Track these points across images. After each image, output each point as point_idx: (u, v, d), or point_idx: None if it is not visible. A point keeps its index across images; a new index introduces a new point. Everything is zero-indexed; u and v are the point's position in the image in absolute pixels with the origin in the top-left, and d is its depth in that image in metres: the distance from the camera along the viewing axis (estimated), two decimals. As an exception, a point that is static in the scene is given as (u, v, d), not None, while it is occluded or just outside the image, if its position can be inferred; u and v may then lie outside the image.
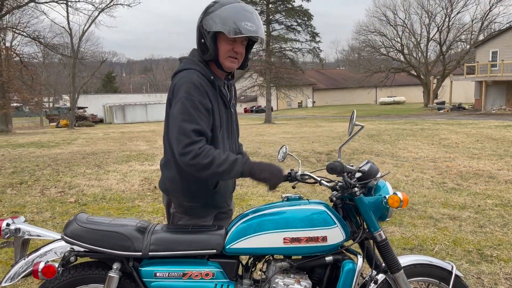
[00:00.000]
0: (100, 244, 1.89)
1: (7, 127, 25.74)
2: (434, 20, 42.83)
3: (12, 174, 7.72)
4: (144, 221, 2.06)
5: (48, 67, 48.47)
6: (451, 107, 34.50)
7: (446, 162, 8.42)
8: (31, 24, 30.97)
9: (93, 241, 1.89)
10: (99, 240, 1.89)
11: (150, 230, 1.97)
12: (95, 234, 1.90)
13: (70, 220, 1.99)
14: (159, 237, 1.94)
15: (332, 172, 1.93)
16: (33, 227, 2.03)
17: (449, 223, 4.60)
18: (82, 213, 2.06)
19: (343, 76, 62.37)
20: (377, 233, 2.03)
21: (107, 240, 1.89)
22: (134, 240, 1.90)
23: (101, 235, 1.90)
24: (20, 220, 2.03)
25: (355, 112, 1.95)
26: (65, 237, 1.92)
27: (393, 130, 15.75)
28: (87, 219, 1.98)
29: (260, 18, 1.99)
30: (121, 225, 1.96)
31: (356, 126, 1.97)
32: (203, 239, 1.96)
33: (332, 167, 1.91)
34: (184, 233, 1.98)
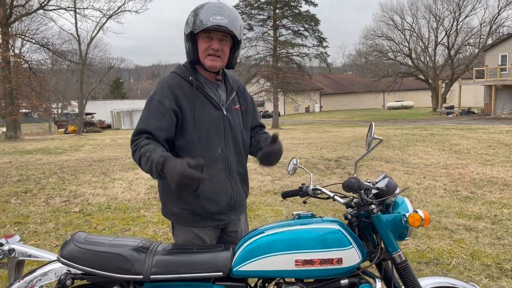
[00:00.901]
0: (98, 267, 1.76)
1: (15, 133, 25.83)
2: (442, 24, 42.52)
3: (18, 182, 7.64)
4: (146, 240, 1.93)
5: (56, 73, 48.82)
6: (460, 112, 34.11)
7: (459, 169, 8.22)
8: (40, 31, 31.16)
9: (90, 263, 1.77)
10: (97, 262, 1.77)
11: (152, 250, 1.84)
12: (92, 256, 1.78)
13: (67, 240, 1.86)
14: (161, 258, 1.81)
15: (349, 190, 1.79)
16: (28, 248, 1.91)
17: (465, 235, 4.42)
18: (80, 232, 1.93)
19: (350, 80, 62.08)
20: (396, 254, 1.89)
21: (106, 262, 1.76)
22: (135, 262, 1.77)
23: (99, 257, 1.77)
24: (15, 240, 1.91)
25: (374, 124, 1.80)
26: (61, 258, 1.80)
27: (402, 136, 15.53)
28: (85, 238, 1.86)
29: (236, 14, 1.97)
30: (121, 245, 1.83)
31: (375, 140, 1.82)
32: (208, 261, 1.82)
33: (348, 185, 1.77)
34: (188, 253, 1.85)
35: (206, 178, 1.82)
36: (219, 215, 2.06)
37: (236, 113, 2.11)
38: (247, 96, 2.24)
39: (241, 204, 2.18)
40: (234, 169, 2.07)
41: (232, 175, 2.07)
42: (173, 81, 1.97)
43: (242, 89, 2.22)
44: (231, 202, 2.07)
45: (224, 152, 2.03)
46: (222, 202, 2.03)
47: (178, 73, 2.00)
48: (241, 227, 2.22)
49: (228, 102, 2.08)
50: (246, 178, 2.20)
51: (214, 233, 2.12)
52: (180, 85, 1.96)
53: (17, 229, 4.79)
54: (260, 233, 1.89)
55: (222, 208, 2.05)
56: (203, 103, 1.99)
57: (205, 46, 1.93)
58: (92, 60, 40.53)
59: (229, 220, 2.11)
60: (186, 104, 1.94)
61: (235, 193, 2.08)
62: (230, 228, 2.17)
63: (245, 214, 2.29)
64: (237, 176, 2.11)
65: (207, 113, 1.99)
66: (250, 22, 30.29)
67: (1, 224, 4.98)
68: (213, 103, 2.02)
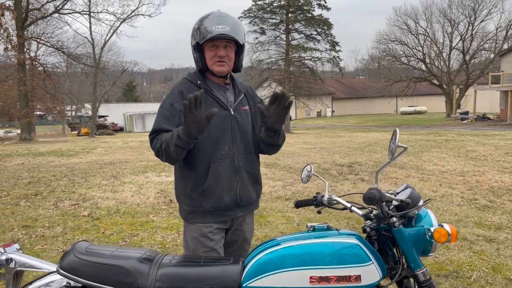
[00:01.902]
0: (98, 280, 1.66)
1: (30, 135, 26.09)
2: (457, 29, 41.95)
3: (28, 184, 7.63)
4: (151, 252, 1.82)
5: (71, 76, 49.45)
6: (475, 117, 33.54)
7: (476, 176, 7.99)
8: (55, 35, 31.56)
9: (91, 276, 1.66)
10: (98, 275, 1.66)
11: (156, 263, 1.73)
12: (93, 268, 1.67)
13: (67, 250, 1.76)
14: (166, 272, 1.69)
15: (370, 203, 1.65)
16: (27, 257, 1.81)
17: (485, 246, 4.23)
18: (81, 241, 1.83)
19: (362, 85, 61.62)
20: (419, 271, 1.75)
21: (107, 275, 1.66)
22: (138, 276, 1.66)
23: (100, 269, 1.67)
24: (13, 249, 1.82)
25: (398, 131, 1.67)
26: (61, 270, 1.70)
27: (416, 141, 15.25)
28: (86, 249, 1.75)
29: (237, 21, 2.11)
30: (123, 257, 1.72)
31: (399, 148, 1.69)
32: (216, 275, 1.70)
33: (370, 197, 1.63)
34: (195, 266, 1.73)
35: (214, 114, 1.85)
36: (225, 211, 2.13)
37: (245, 114, 2.22)
38: (256, 98, 2.34)
39: (248, 202, 2.22)
40: (241, 167, 2.16)
41: (239, 172, 2.15)
42: (182, 86, 2.15)
43: (251, 92, 2.34)
44: (236, 198, 2.14)
45: (231, 150, 2.12)
46: (227, 198, 2.11)
47: (188, 79, 2.18)
48: (245, 227, 2.27)
49: (236, 103, 2.20)
50: (257, 177, 2.26)
51: (221, 234, 2.17)
52: (189, 89, 2.11)
53: (25, 232, 4.73)
54: (271, 246, 1.76)
55: (227, 204, 2.12)
56: (211, 104, 2.09)
57: (211, 54, 2.09)
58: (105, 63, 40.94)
59: (235, 216, 2.18)
60: None
61: (241, 190, 2.15)
62: (235, 226, 2.23)
63: (252, 215, 2.36)
64: (245, 174, 2.17)
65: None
66: (263, 26, 30.23)
67: (9, 228, 4.92)
68: (221, 104, 2.14)
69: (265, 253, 1.74)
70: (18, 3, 24.54)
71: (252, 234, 2.37)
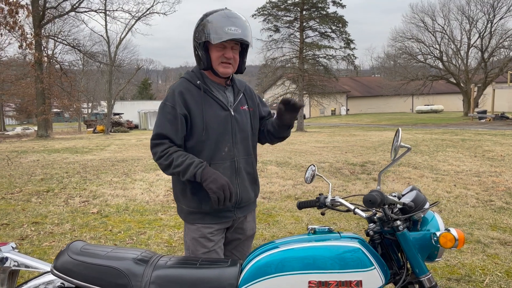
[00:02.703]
0: (92, 281, 1.62)
1: (46, 132, 26.48)
2: (475, 26, 41.09)
3: (41, 181, 7.71)
4: (148, 252, 1.78)
5: (87, 74, 50.06)
6: (493, 117, 32.82)
7: (492, 177, 7.78)
8: (71, 33, 32.02)
9: (84, 277, 1.63)
10: (92, 276, 1.62)
11: (152, 264, 1.69)
12: (87, 269, 1.63)
13: (62, 250, 1.73)
14: (161, 273, 1.65)
15: (371, 206, 1.58)
16: (22, 257, 1.79)
17: (500, 249, 4.10)
18: (78, 241, 1.80)
19: (378, 83, 60.93)
20: (424, 278, 1.67)
21: (100, 276, 1.62)
22: (132, 277, 1.62)
23: (93, 270, 1.63)
24: (8, 248, 1.79)
25: (401, 130, 1.59)
26: (54, 270, 1.67)
27: (432, 141, 14.99)
28: (81, 249, 1.72)
29: (247, 23, 2.05)
30: (118, 257, 1.68)
31: (402, 148, 1.61)
32: (213, 278, 1.66)
33: (370, 200, 1.56)
34: (190, 268, 1.69)
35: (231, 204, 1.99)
36: (226, 213, 2.11)
37: (244, 114, 2.19)
38: (254, 96, 2.31)
39: (248, 203, 2.22)
40: (241, 168, 2.15)
41: (239, 173, 2.14)
42: (182, 87, 2.07)
43: (249, 90, 2.30)
44: (237, 200, 2.13)
45: (231, 151, 2.10)
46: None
47: (187, 78, 2.12)
48: (246, 226, 2.26)
49: (236, 103, 2.17)
50: (255, 178, 2.27)
51: (221, 234, 2.15)
52: (188, 89, 2.06)
53: (34, 229, 4.76)
54: (270, 249, 1.71)
55: (228, 206, 2.06)
56: (211, 105, 2.07)
57: (218, 54, 2.03)
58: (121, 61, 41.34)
59: (235, 217, 2.16)
60: (195, 107, 2.04)
61: (241, 191, 2.15)
62: (236, 225, 2.21)
63: (253, 213, 2.34)
64: (244, 175, 2.17)
65: (214, 114, 2.07)
66: (277, 24, 30.09)
67: (19, 224, 4.97)
68: (221, 104, 2.10)
69: (264, 256, 1.69)
70: (35, 2, 24.91)
71: (254, 231, 2.35)
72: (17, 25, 8.61)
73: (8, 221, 5.08)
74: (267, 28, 30.34)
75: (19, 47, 9.73)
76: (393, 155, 1.66)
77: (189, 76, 2.12)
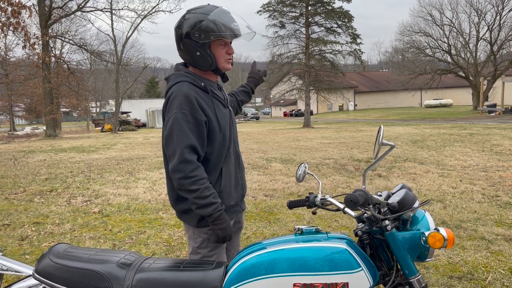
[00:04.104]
0: (73, 285, 1.59)
1: (55, 131, 26.71)
2: (484, 19, 40.53)
3: (45, 181, 7.75)
4: (132, 255, 1.75)
5: (94, 73, 50.39)
6: (503, 110, 32.39)
7: (499, 171, 7.65)
8: (78, 33, 32.19)
9: (65, 281, 1.60)
10: (72, 280, 1.60)
11: (134, 267, 1.65)
12: (68, 273, 1.61)
13: (44, 254, 1.70)
14: (144, 276, 1.62)
15: (353, 206, 1.53)
16: (6, 260, 1.77)
17: (504, 246, 4.01)
18: (60, 243, 1.77)
19: (386, 78, 60.49)
20: (413, 279, 1.62)
21: (81, 280, 1.59)
22: (113, 281, 1.59)
23: (74, 274, 1.60)
24: (-8, 251, 1.77)
25: (382, 128, 1.53)
26: (36, 274, 1.64)
27: (439, 135, 14.82)
28: (63, 252, 1.69)
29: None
30: (101, 261, 1.65)
31: (384, 146, 1.56)
32: (196, 280, 1.62)
33: (352, 200, 1.51)
34: (174, 271, 1.65)
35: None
36: (235, 207, 2.14)
37: (233, 107, 2.29)
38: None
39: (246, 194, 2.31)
40: (241, 160, 2.22)
41: (241, 166, 2.21)
42: (192, 91, 1.95)
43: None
44: (243, 192, 2.20)
45: (234, 147, 2.15)
46: (236, 194, 2.13)
47: (191, 82, 1.99)
48: (242, 218, 2.31)
49: (229, 99, 2.23)
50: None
51: None
52: (199, 94, 1.97)
53: (35, 229, 4.77)
54: (255, 251, 1.66)
55: (237, 200, 2.14)
56: (218, 105, 2.05)
57: (223, 51, 2.00)
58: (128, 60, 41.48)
59: (241, 209, 2.21)
60: (209, 111, 1.98)
61: (244, 183, 2.23)
62: (236, 219, 2.21)
63: None
64: (243, 167, 2.27)
65: (222, 114, 2.06)
66: (282, 20, 29.95)
67: (19, 224, 4.99)
68: (222, 103, 2.10)
69: (249, 258, 1.65)
70: (42, 2, 25.06)
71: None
72: (20, 26, 8.64)
73: (10, 222, 5.10)
74: (273, 24, 30.23)
75: (23, 47, 9.78)
76: (376, 153, 1.61)
77: (190, 79, 1.99)
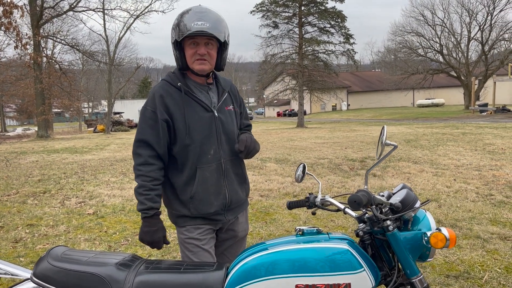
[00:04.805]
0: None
1: (47, 132, 26.45)
2: (475, 19, 40.87)
3: (38, 182, 7.67)
4: (132, 257, 1.73)
5: (87, 73, 50.08)
6: (494, 109, 32.68)
7: (493, 170, 7.72)
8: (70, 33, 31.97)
9: (64, 284, 1.58)
10: (71, 283, 1.58)
11: (134, 269, 1.64)
12: (67, 276, 1.58)
13: (42, 257, 1.68)
14: (144, 279, 1.60)
15: (356, 207, 1.53)
16: (2, 263, 1.74)
17: (499, 245, 4.04)
18: (58, 246, 1.75)
19: (378, 78, 60.79)
20: (415, 279, 1.61)
21: (81, 283, 1.57)
22: (113, 284, 1.57)
23: (73, 277, 1.58)
24: (-12, 254, 1.74)
25: (386, 128, 1.53)
26: (34, 278, 1.62)
27: (432, 135, 14.91)
28: (62, 255, 1.67)
29: (218, 17, 1.98)
30: (100, 263, 1.63)
31: (388, 146, 1.55)
32: (197, 282, 1.61)
33: (355, 200, 1.51)
34: (174, 273, 1.64)
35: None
36: (215, 216, 2.07)
37: (229, 114, 2.13)
38: (238, 97, 2.25)
39: (238, 204, 2.18)
40: (229, 169, 2.10)
41: (227, 175, 2.10)
42: (162, 90, 2.01)
43: (234, 90, 2.23)
44: (226, 202, 2.09)
45: (217, 154, 2.06)
46: (216, 203, 2.05)
47: (167, 80, 2.04)
48: (238, 227, 2.22)
49: (220, 104, 2.10)
50: (244, 177, 2.23)
51: (211, 234, 2.11)
52: (169, 93, 2.00)
53: (28, 231, 4.72)
54: (256, 252, 1.65)
55: (217, 209, 2.06)
56: (193, 107, 2.01)
57: (191, 52, 1.97)
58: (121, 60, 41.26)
59: (226, 220, 2.12)
60: (176, 111, 1.98)
61: (230, 193, 2.10)
62: (227, 226, 2.17)
63: (245, 213, 2.29)
64: (233, 176, 2.13)
65: (197, 117, 2.01)
66: (275, 20, 29.97)
67: (13, 227, 4.93)
68: (203, 106, 2.03)
69: (250, 259, 1.63)
70: (33, 2, 24.83)
71: (247, 232, 2.31)
72: (12, 26, 8.55)
73: (3, 224, 5.04)
74: (266, 25, 30.24)
75: (15, 48, 9.68)
76: (379, 153, 1.60)
77: (170, 78, 2.05)
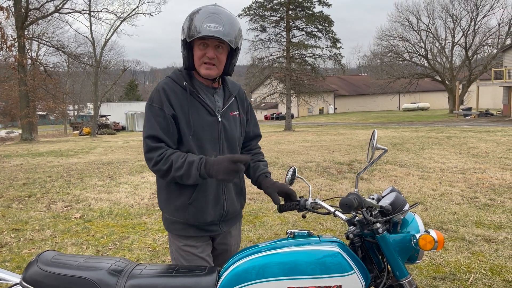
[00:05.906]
0: (62, 293, 1.56)
1: (31, 135, 26.08)
2: (459, 25, 41.73)
3: (23, 186, 7.56)
4: (123, 261, 1.72)
5: (72, 76, 49.53)
6: (478, 114, 33.31)
7: (477, 173, 7.86)
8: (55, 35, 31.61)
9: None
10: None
11: (126, 273, 1.63)
12: (57, 280, 1.57)
13: (32, 261, 1.66)
14: (135, 283, 1.59)
15: (348, 210, 1.55)
16: (-9, 268, 1.71)
17: (484, 247, 4.12)
18: (48, 251, 1.73)
19: (365, 82, 61.41)
20: (405, 281, 1.64)
21: (71, 287, 1.56)
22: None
23: (64, 282, 1.57)
24: (-24, 260, 1.72)
25: (376, 132, 1.56)
26: (23, 282, 1.60)
27: (418, 138, 15.12)
28: (52, 259, 1.65)
29: (233, 20, 1.84)
30: (90, 267, 1.62)
31: (378, 150, 1.58)
32: (188, 286, 1.60)
33: (347, 203, 1.53)
34: (166, 277, 1.63)
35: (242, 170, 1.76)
36: (210, 226, 1.99)
37: (233, 120, 2.02)
38: (245, 103, 2.14)
39: (234, 216, 2.09)
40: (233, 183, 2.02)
41: (226, 185, 1.99)
42: (167, 87, 1.90)
43: (242, 95, 2.12)
44: (223, 212, 1.99)
45: None
46: (213, 212, 1.96)
47: (173, 78, 1.94)
48: (230, 241, 2.13)
49: (225, 109, 1.99)
50: (242, 188, 2.13)
51: (207, 241, 2.03)
52: (173, 90, 1.89)
53: (14, 236, 4.64)
54: (247, 255, 1.66)
55: (213, 219, 1.97)
56: (197, 109, 1.91)
57: (200, 53, 1.85)
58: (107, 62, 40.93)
59: (220, 231, 2.03)
60: (179, 110, 1.88)
61: (228, 203, 2.00)
62: (219, 239, 2.08)
63: (238, 226, 2.20)
64: (231, 186, 2.03)
65: (201, 120, 1.91)
66: (263, 24, 30.14)
67: (-2, 231, 4.85)
68: (207, 109, 1.93)
69: (241, 262, 1.64)
70: (18, 3, 24.51)
71: (239, 246, 2.21)
72: (-4, 27, 8.43)
73: (-13, 228, 4.95)
74: (254, 28, 30.39)
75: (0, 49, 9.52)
76: (369, 157, 1.63)
77: (176, 76, 1.94)
